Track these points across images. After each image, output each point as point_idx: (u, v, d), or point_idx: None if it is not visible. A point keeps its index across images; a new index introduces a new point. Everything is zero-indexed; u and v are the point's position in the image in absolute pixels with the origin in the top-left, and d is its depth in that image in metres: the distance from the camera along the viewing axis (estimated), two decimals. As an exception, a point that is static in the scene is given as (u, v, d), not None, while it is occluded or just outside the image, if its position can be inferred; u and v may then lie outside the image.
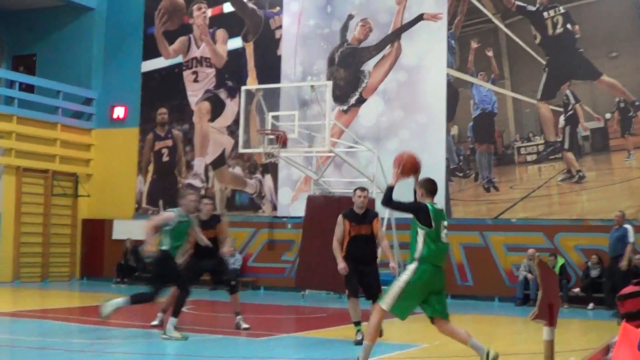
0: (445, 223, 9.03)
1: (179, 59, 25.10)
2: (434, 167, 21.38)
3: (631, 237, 16.67)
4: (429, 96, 21.80)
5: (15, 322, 13.46)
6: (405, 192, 9.38)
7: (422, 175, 9.17)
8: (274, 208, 23.25)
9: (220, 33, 24.62)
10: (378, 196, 19.74)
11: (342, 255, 11.48)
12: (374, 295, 11.04)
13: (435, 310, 9.03)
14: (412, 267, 8.77)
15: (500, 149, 21.15)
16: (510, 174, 20.99)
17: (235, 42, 24.42)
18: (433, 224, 8.80)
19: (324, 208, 19.26)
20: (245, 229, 23.30)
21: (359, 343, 10.76)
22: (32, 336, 11.87)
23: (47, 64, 26.50)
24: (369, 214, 11.79)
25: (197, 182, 24.39)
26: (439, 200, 20.45)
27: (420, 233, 8.80)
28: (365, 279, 11.38)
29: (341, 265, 11.37)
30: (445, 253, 9.03)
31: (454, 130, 21.60)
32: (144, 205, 25.19)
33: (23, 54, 27.16)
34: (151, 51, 25.49)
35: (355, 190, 12.00)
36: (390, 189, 8.99)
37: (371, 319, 8.91)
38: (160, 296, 12.17)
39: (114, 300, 12.01)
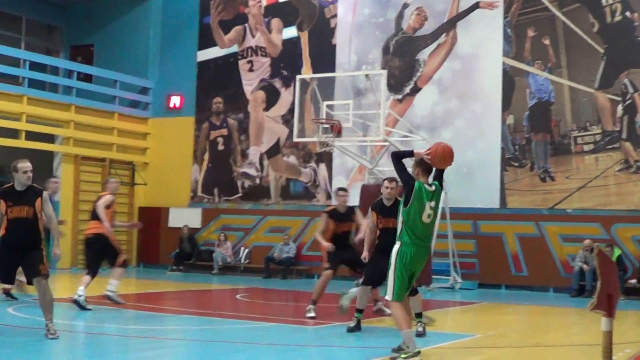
0: (433, 204, 8.86)
1: (235, 48, 25.22)
2: (489, 156, 21.26)
3: None
4: (484, 85, 21.62)
5: (73, 308, 13.61)
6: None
7: (477, 165, 9.13)
8: (328, 197, 23.26)
9: (276, 22, 24.67)
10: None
11: (369, 247, 11.56)
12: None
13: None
14: (394, 249, 8.85)
15: (557, 138, 20.90)
16: (567, 163, 20.74)
17: (290, 31, 24.45)
18: (412, 202, 8.72)
19: (377, 197, 19.21)
20: (299, 217, 23.37)
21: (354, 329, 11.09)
22: (89, 322, 12.04)
23: (105, 54, 26.80)
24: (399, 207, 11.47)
25: (252, 171, 24.51)
26: (494, 190, 20.23)
27: (401, 212, 8.85)
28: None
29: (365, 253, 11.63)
30: (425, 232, 8.89)
31: (510, 119, 21.39)
32: (199, 193, 25.38)
33: (81, 44, 27.49)
34: (207, 41, 25.64)
35: (383, 180, 11.79)
36: (408, 153, 9.10)
37: (392, 313, 8.94)
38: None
39: (350, 290, 12.29)
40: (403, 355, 8.88)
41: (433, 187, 8.90)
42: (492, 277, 20.44)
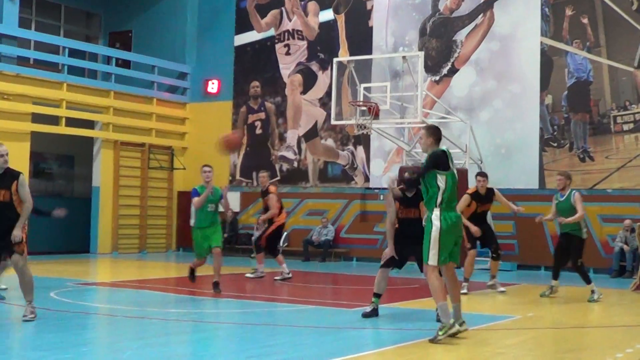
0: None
1: (271, 32, 25.21)
2: (528, 137, 21.10)
3: None
4: (522, 65, 21.42)
5: (114, 292, 13.77)
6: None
7: (515, 146, 9.14)
8: (366, 179, 23.24)
9: (312, 5, 24.61)
10: (471, 167, 19.60)
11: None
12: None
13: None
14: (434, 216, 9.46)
15: (596, 118, 20.67)
16: (606, 143, 20.51)
17: (327, 14, 24.39)
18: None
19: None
20: (337, 200, 23.37)
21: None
22: (130, 305, 12.14)
23: (143, 40, 26.93)
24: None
25: (289, 154, 24.53)
26: (533, 170, 20.09)
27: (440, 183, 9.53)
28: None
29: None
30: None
31: (548, 99, 21.18)
32: (237, 177, 25.47)
33: (119, 30, 27.64)
34: (244, 25, 25.66)
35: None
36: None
37: (430, 282, 9.38)
38: None
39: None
40: (441, 333, 8.92)
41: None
42: (532, 258, 20.29)
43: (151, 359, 8.18)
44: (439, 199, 9.29)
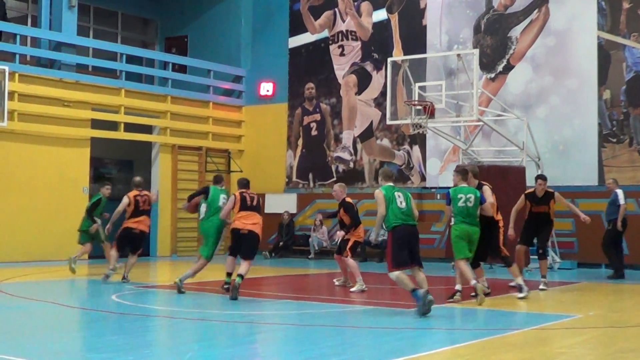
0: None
1: (325, 33, 25.24)
2: (586, 133, 20.83)
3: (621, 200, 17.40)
4: (579, 60, 21.16)
5: (174, 294, 13.89)
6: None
7: (573, 142, 9.01)
8: (423, 179, 23.15)
9: (365, 6, 24.59)
10: (528, 164, 19.41)
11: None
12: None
13: None
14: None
15: (656, 112, 20.34)
16: (668, 138, 20.17)
17: (380, 14, 24.34)
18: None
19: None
20: (394, 200, 23.25)
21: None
22: (190, 308, 12.25)
23: (198, 45, 27.18)
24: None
25: (345, 155, 24.54)
26: (592, 167, 19.79)
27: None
28: None
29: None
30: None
31: (607, 94, 20.88)
32: (294, 179, 25.55)
33: (175, 35, 27.93)
34: (297, 27, 25.74)
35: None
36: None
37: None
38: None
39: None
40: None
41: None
42: (592, 256, 19.98)
43: (211, 361, 8.25)
44: None
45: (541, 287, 14.74)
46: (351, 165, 24.47)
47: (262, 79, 26.42)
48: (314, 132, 25.37)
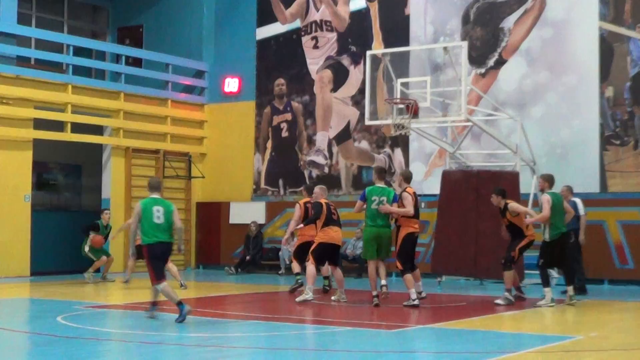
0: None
1: (297, 23, 25.23)
2: (587, 134, 20.95)
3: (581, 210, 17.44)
4: (579, 54, 21.27)
5: (127, 315, 13.81)
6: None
7: (572, 145, 8.97)
8: (406, 185, 23.13)
9: (341, -7, 24.62)
10: (523, 169, 19.46)
11: None
12: None
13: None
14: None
15: (664, 111, 20.50)
16: (676, 140, 20.33)
17: (358, 2, 24.36)
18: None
19: (461, 184, 19.10)
20: (374, 209, 23.25)
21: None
22: (146, 330, 12.16)
23: (155, 35, 27.06)
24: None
25: (320, 159, 24.52)
26: (593, 172, 19.89)
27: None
28: None
29: None
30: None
31: (609, 91, 21.01)
32: (262, 185, 25.50)
33: (129, 25, 27.80)
34: (266, 16, 25.70)
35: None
36: None
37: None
38: None
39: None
40: None
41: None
42: (593, 270, 20.00)
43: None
44: None
45: (497, 301, 15.29)
46: (326, 170, 24.45)
47: (227, 74, 26.34)
48: (284, 134, 25.32)
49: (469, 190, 18.93)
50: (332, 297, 16.02)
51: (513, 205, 15.47)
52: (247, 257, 24.24)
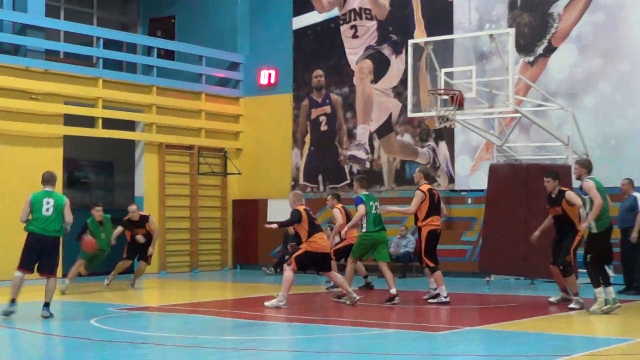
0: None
1: (335, 12, 25.22)
2: (642, 125, 20.74)
3: None
4: (633, 40, 21.08)
5: (163, 317, 13.87)
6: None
7: (627, 136, 8.88)
8: (451, 180, 23.09)
9: (381, -21, 24.58)
10: (575, 162, 19.30)
11: None
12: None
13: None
14: None
15: None
16: None
17: (399, -11, 24.33)
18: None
19: (510, 178, 18.97)
20: (418, 205, 23.19)
21: None
22: (181, 333, 12.22)
23: (187, 26, 27.15)
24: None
25: (360, 154, 24.48)
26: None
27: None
28: None
29: None
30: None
31: (666, 79, 20.84)
32: (301, 181, 25.53)
33: (160, 16, 27.93)
34: (303, 5, 25.71)
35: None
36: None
37: None
38: None
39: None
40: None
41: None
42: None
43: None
44: None
45: (571, 305, 14.83)
46: (367, 165, 24.42)
47: (262, 65, 26.39)
48: (323, 127, 25.33)
49: (518, 185, 18.78)
50: (332, 298, 16.43)
51: (571, 194, 14.85)
52: (286, 257, 24.24)
